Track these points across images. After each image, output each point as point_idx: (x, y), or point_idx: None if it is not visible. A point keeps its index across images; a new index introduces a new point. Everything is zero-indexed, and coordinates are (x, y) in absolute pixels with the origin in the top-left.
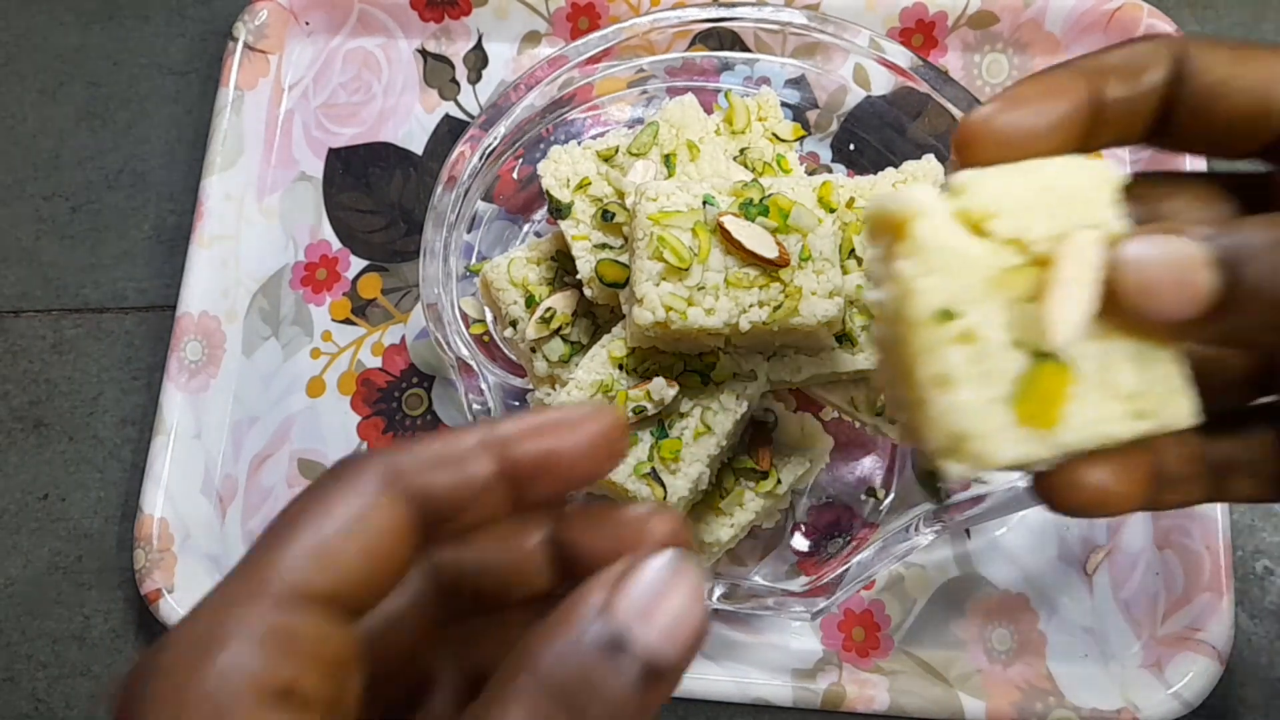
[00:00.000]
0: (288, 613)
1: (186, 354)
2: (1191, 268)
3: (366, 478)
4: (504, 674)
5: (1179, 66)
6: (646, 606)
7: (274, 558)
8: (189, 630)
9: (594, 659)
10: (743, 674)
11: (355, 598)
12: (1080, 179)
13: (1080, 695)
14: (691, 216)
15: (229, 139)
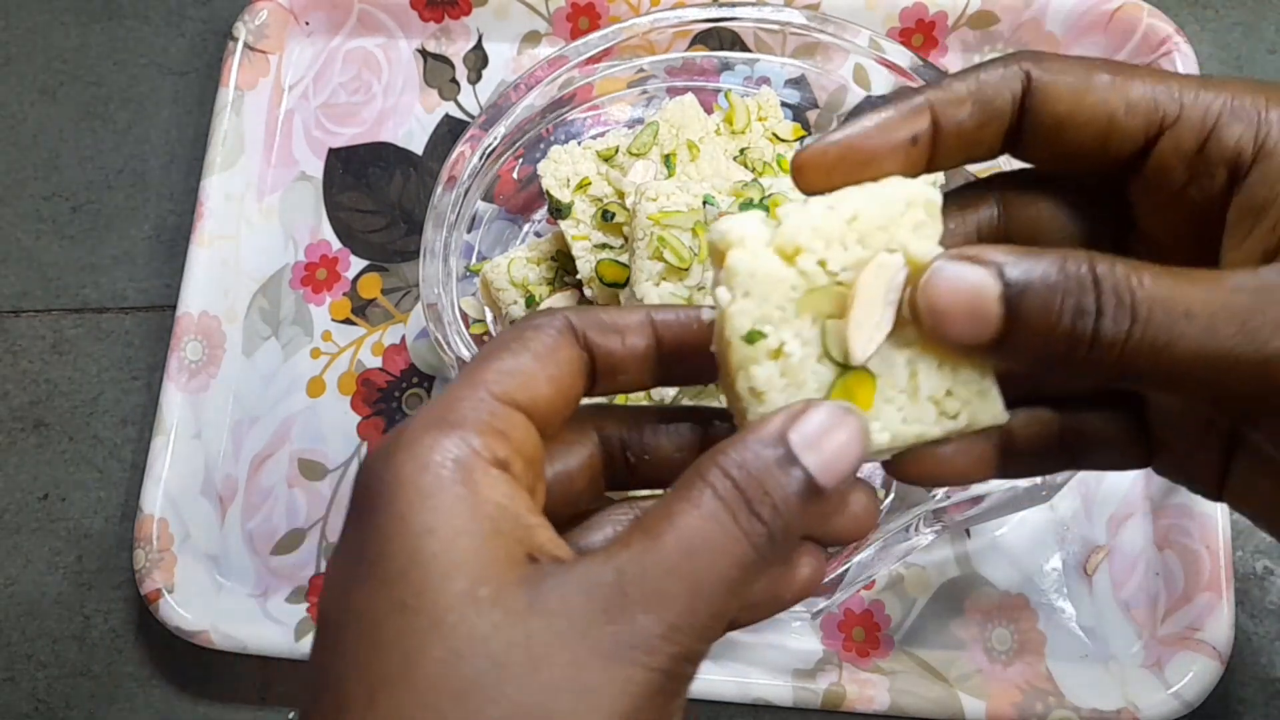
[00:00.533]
0: (501, 410)
1: (186, 354)
2: (985, 299)
3: (555, 323)
4: (695, 468)
5: (1026, 94)
6: (814, 439)
7: (484, 374)
8: (425, 416)
9: (771, 465)
10: (743, 674)
11: (542, 416)
12: (895, 203)
13: (1080, 695)
14: (691, 216)
15: (229, 139)
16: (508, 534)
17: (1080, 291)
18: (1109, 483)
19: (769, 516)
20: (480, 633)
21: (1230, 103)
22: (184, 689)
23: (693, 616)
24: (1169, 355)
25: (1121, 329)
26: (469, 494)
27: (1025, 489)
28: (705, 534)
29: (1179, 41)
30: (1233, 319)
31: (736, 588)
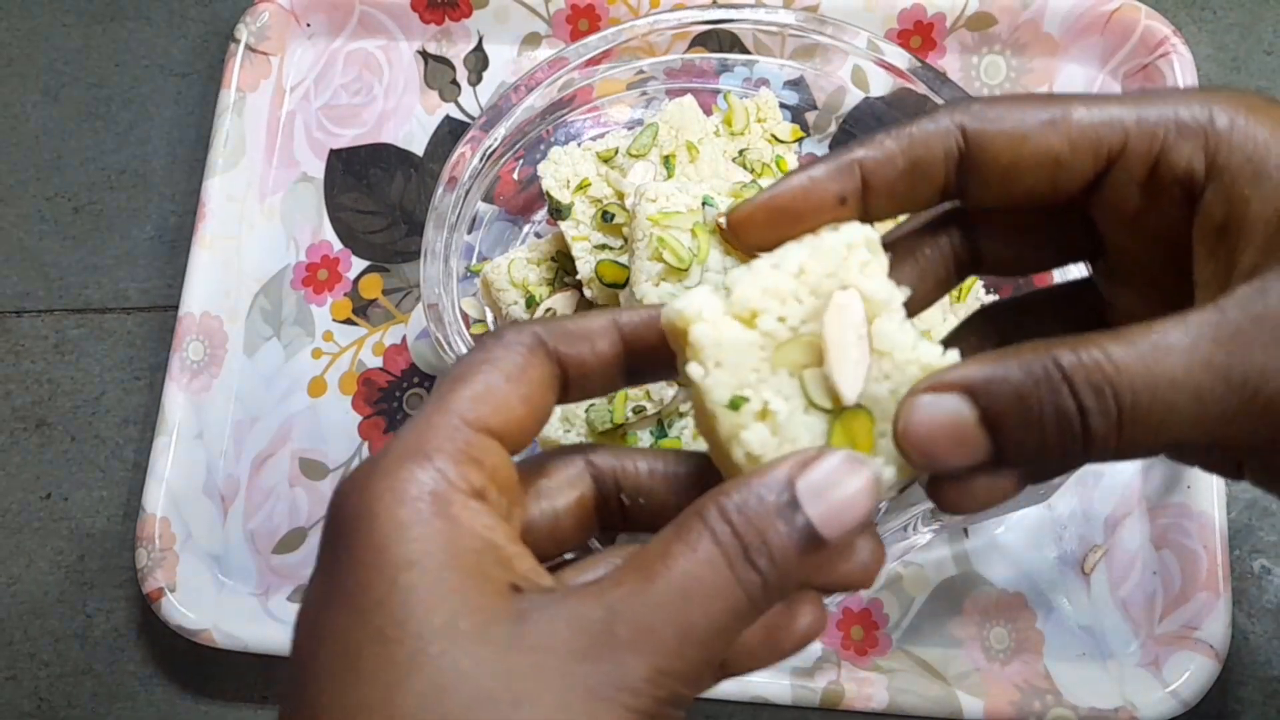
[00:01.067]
0: (475, 438)
1: (188, 354)
2: (966, 428)
3: (524, 340)
4: (695, 508)
5: (964, 149)
6: (821, 488)
7: (455, 400)
8: (399, 445)
9: (771, 510)
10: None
11: (515, 437)
12: (836, 249)
13: (1078, 694)
14: (691, 217)
15: (231, 140)
16: (489, 565)
17: (1055, 394)
18: (1106, 482)
19: (765, 566)
20: (462, 667)
21: (1175, 120)
22: (186, 688)
23: (682, 662)
24: (1167, 432)
25: (1111, 422)
26: (447, 526)
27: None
28: (700, 578)
29: (1176, 43)
30: (1216, 378)
31: (728, 635)
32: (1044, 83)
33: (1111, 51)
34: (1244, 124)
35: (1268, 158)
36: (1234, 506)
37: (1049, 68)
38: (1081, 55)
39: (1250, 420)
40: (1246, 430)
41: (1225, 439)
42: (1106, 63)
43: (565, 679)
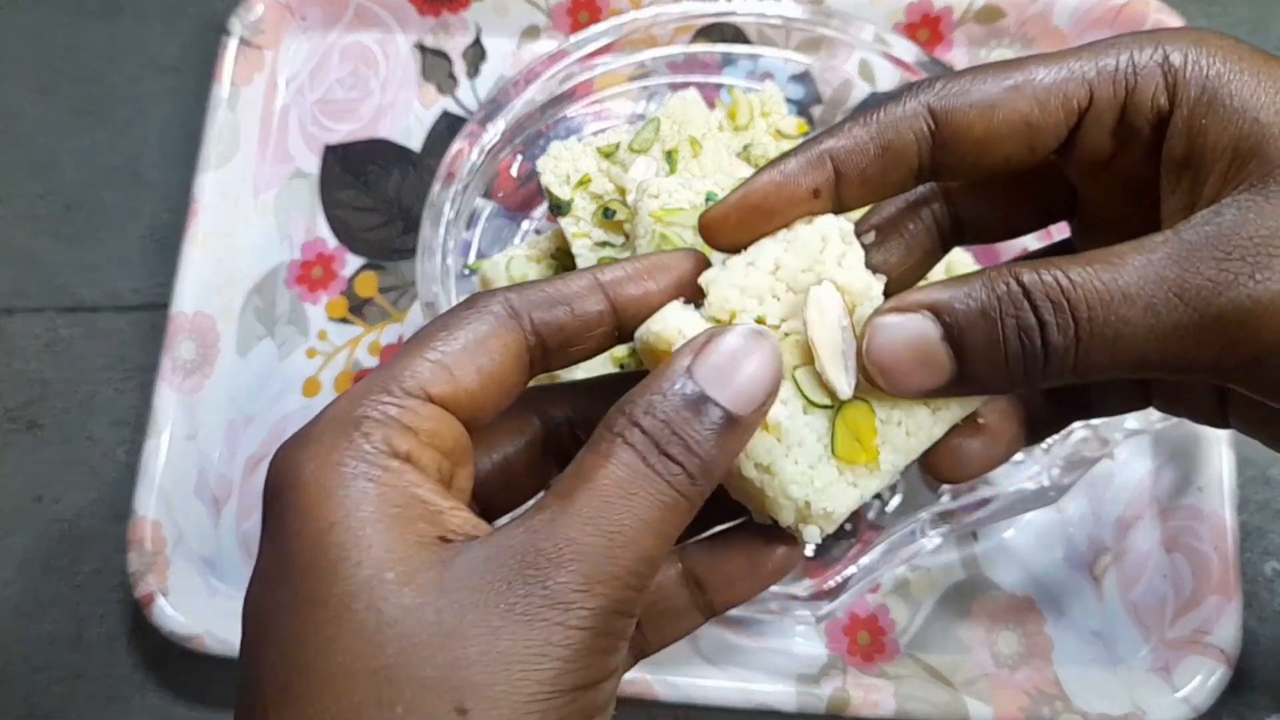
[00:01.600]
0: (410, 405)
1: (180, 353)
2: (929, 345)
3: (494, 308)
4: (603, 422)
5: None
6: (724, 370)
7: (398, 365)
8: (327, 414)
9: (678, 403)
10: (746, 679)
11: (467, 407)
12: (811, 243)
13: (1088, 700)
14: (694, 214)
15: (224, 136)
16: (415, 520)
17: (1017, 308)
18: (1117, 484)
19: (681, 455)
20: (389, 616)
21: (1134, 65)
22: (179, 694)
23: (613, 565)
24: (1123, 346)
25: (1069, 335)
26: (371, 486)
27: (1033, 491)
28: (618, 481)
29: None
30: (1169, 293)
31: (659, 529)
32: None
33: None
34: (1197, 57)
35: (1220, 89)
36: (1245, 508)
37: None
38: None
39: (1202, 335)
40: (1200, 346)
41: (1181, 358)
42: None
43: (492, 609)
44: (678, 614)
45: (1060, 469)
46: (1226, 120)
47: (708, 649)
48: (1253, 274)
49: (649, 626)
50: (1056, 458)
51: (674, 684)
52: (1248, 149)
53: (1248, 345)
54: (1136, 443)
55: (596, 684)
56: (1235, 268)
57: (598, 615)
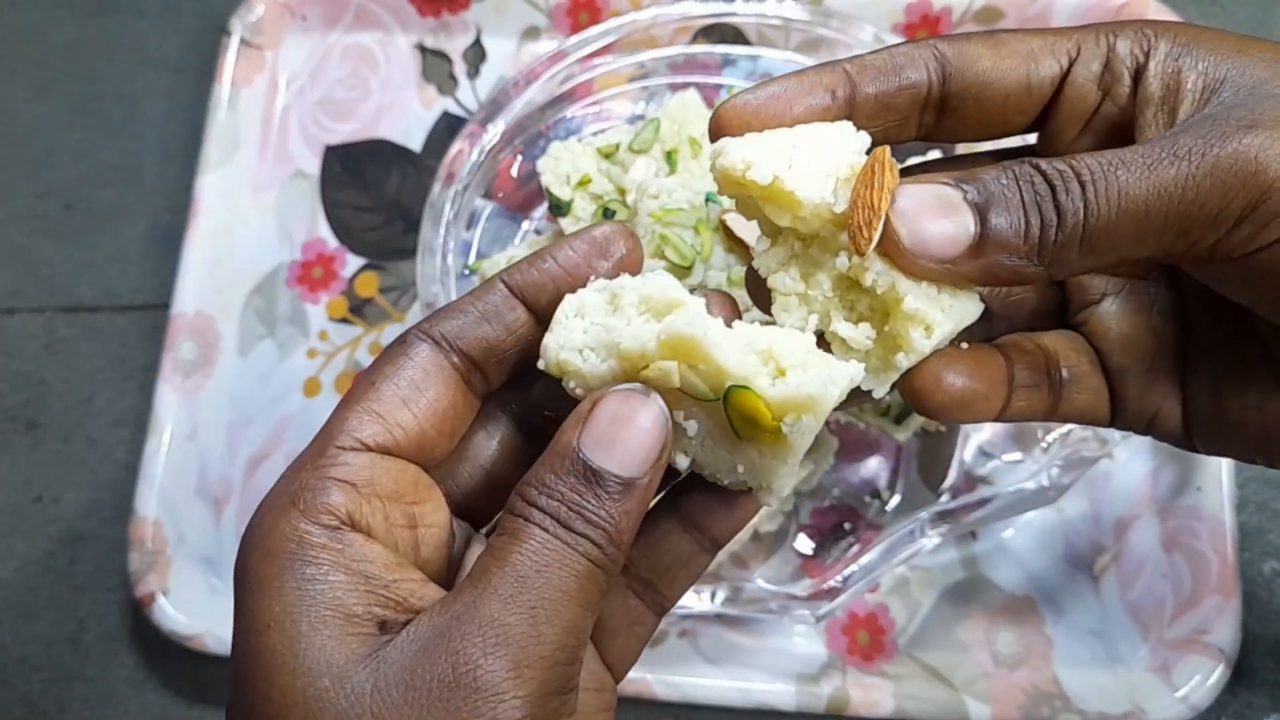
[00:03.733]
0: (344, 459)
1: (181, 354)
2: (955, 204)
3: (417, 346)
4: (507, 505)
5: (941, 65)
6: (609, 438)
7: (334, 423)
8: (274, 489)
9: (573, 481)
10: (746, 679)
11: (412, 448)
12: (828, 134)
13: (1087, 699)
14: (694, 214)
15: (224, 136)
16: (355, 603)
17: (1031, 179)
18: (1116, 485)
19: (584, 528)
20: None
21: (1113, 31)
22: (179, 693)
23: (539, 644)
24: (1129, 203)
25: (1076, 198)
26: (311, 571)
27: (1032, 490)
28: (531, 556)
29: None
30: (1165, 153)
31: (581, 598)
32: None
33: None
34: (1171, 29)
35: (1189, 41)
36: (1244, 509)
37: None
38: None
39: (1201, 184)
40: (1199, 196)
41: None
42: None
43: (428, 710)
44: (686, 560)
45: (1059, 469)
46: (1198, 61)
47: (708, 649)
48: (1240, 134)
49: (663, 582)
50: (1056, 458)
51: (674, 683)
52: (1218, 82)
53: (1244, 191)
54: (1136, 443)
55: None
56: (1225, 129)
57: (531, 701)
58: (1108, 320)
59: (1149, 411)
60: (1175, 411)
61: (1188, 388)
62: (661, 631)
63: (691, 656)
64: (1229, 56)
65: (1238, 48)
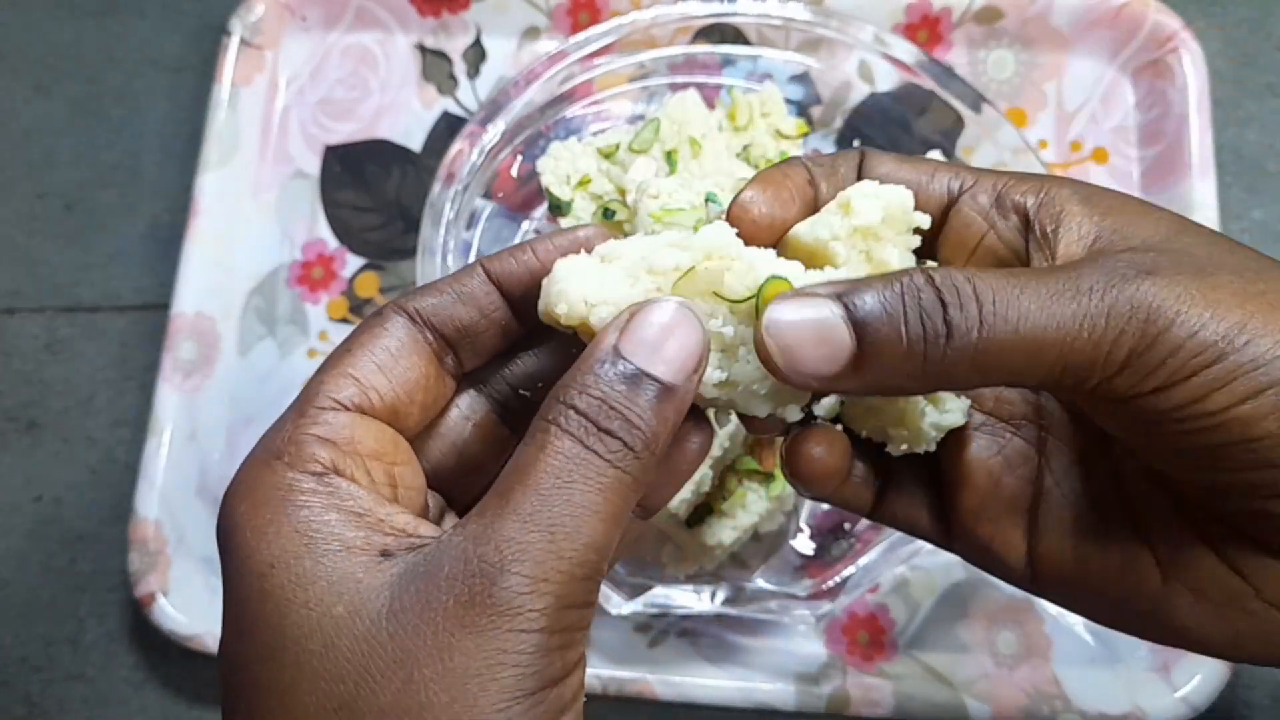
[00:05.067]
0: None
1: (181, 354)
2: (831, 325)
3: (391, 317)
4: (542, 410)
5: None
6: (654, 344)
7: (313, 386)
8: (254, 450)
9: (615, 385)
10: (746, 679)
11: (386, 411)
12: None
13: (1087, 699)
14: (694, 214)
15: (224, 136)
16: (354, 536)
17: (921, 294)
18: None
19: (621, 429)
20: (344, 652)
21: (1014, 178)
22: (179, 693)
23: (558, 560)
24: (1026, 332)
25: (972, 316)
26: (304, 513)
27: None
28: (555, 472)
29: (1186, 37)
30: (1069, 286)
31: (605, 512)
32: (1052, 78)
33: (1120, 46)
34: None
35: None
36: None
37: (1057, 62)
38: (1090, 49)
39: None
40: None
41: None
42: (1115, 57)
43: (442, 626)
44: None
45: None
46: (1094, 213)
47: (709, 650)
48: (1139, 279)
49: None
50: None
51: (675, 683)
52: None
53: (1135, 336)
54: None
55: (559, 681)
56: (1125, 272)
57: (548, 614)
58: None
59: (980, 545)
60: (1015, 556)
61: (1038, 539)
62: (662, 631)
63: (692, 656)
64: (1129, 217)
65: (1139, 210)
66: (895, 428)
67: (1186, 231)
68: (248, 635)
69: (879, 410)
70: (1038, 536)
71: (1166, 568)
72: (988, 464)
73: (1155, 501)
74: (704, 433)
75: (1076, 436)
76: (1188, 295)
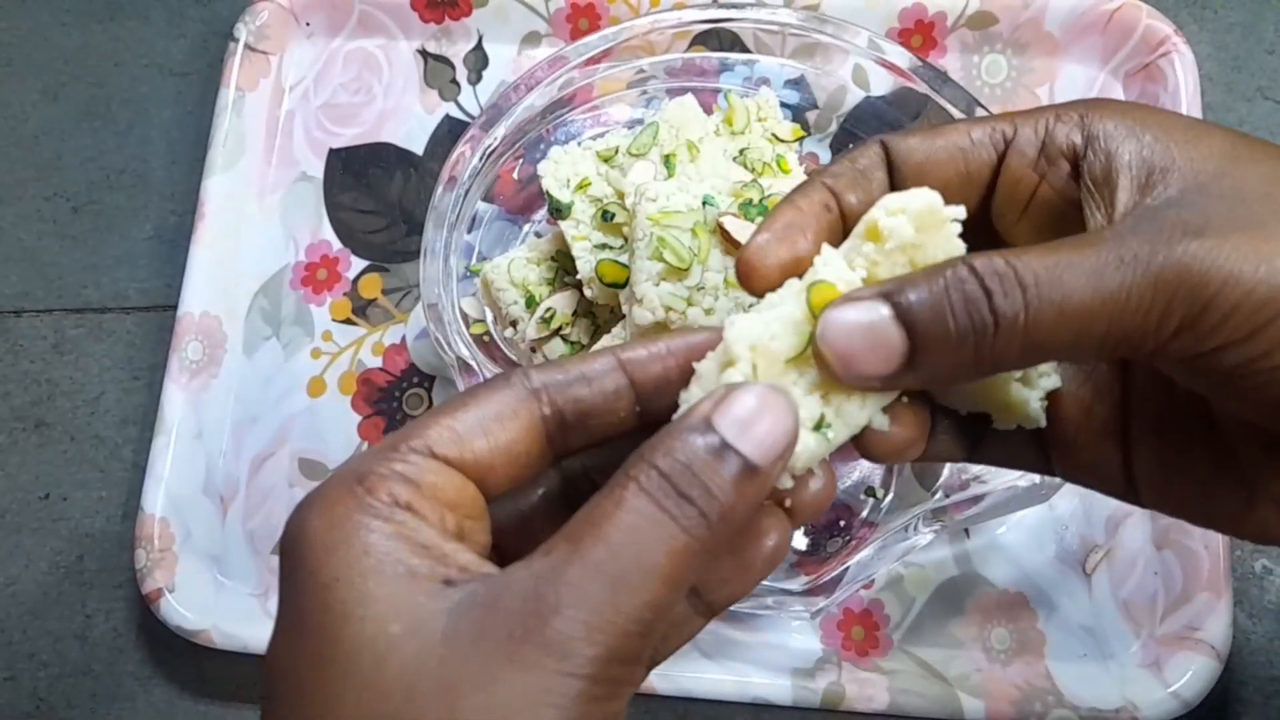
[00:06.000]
0: (412, 460)
1: (187, 354)
2: (881, 327)
3: (512, 383)
4: (622, 467)
5: (888, 160)
6: (746, 423)
7: (414, 428)
8: (339, 472)
9: (700, 451)
10: (742, 673)
11: (476, 470)
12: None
13: (1079, 694)
14: (691, 217)
15: (230, 139)
16: (417, 565)
17: (965, 285)
18: None
19: (700, 497)
20: (394, 670)
21: (1053, 114)
22: (185, 688)
23: (615, 613)
24: (1071, 310)
25: (1016, 301)
26: (374, 537)
27: (1024, 488)
28: (628, 527)
29: (1177, 42)
30: (1111, 257)
31: (670, 575)
32: (1045, 82)
33: (1113, 51)
34: (1118, 109)
35: (1138, 126)
36: None
37: (1050, 67)
38: (1083, 54)
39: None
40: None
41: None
42: (1108, 62)
43: (492, 657)
44: (680, 624)
45: None
46: (1143, 147)
47: (705, 644)
48: (1186, 241)
49: (710, 589)
50: None
51: (672, 678)
52: (1163, 170)
53: (1186, 303)
54: None
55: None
56: (1171, 234)
57: (597, 663)
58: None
59: (1082, 470)
60: (1115, 476)
61: (1131, 455)
62: None
63: (689, 651)
64: (1178, 144)
65: (1187, 136)
66: (1001, 411)
67: (1241, 160)
68: (302, 642)
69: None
70: (1131, 455)
71: (1252, 486)
72: (1078, 395)
73: (1238, 426)
74: (782, 532)
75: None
76: (1238, 253)
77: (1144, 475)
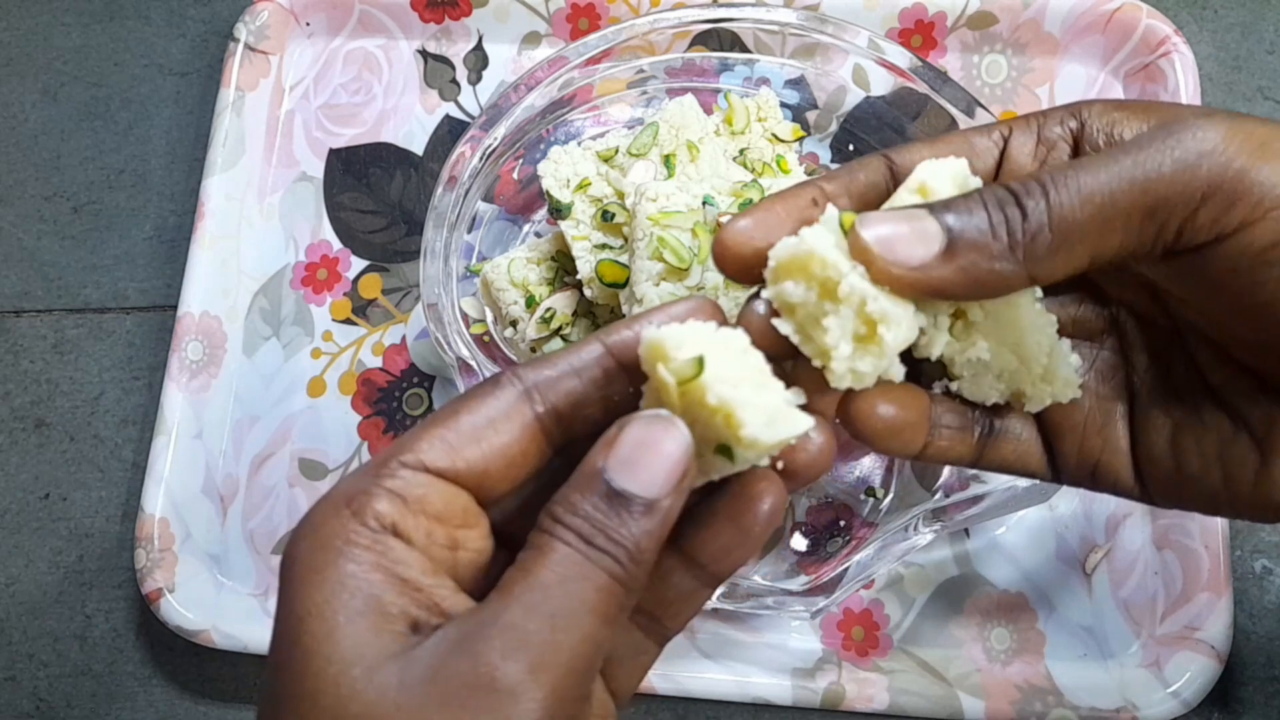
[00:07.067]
0: (402, 475)
1: (187, 354)
2: (920, 218)
3: (504, 387)
4: (539, 521)
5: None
6: (633, 462)
7: (406, 440)
8: (330, 492)
9: (597, 502)
10: (742, 673)
11: (470, 479)
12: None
13: (1079, 694)
14: (691, 217)
15: (230, 139)
16: (390, 603)
17: (996, 191)
18: None
19: (607, 545)
20: (352, 712)
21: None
22: (185, 688)
23: (556, 651)
24: (1091, 192)
25: (1038, 195)
26: (354, 568)
27: (1025, 488)
28: (554, 569)
29: (1178, 42)
30: (1129, 146)
31: (600, 610)
32: (1045, 82)
33: (1113, 51)
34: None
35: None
36: None
37: (1050, 67)
38: (1082, 54)
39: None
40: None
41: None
42: (1107, 62)
43: (448, 703)
44: (687, 597)
45: None
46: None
47: (705, 644)
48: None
49: (666, 614)
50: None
51: (672, 678)
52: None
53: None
54: None
55: None
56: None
57: (546, 703)
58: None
59: (1089, 464)
60: (1123, 466)
61: (1138, 444)
62: None
63: (689, 652)
64: (1176, 109)
65: (1173, 112)
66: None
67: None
68: (274, 673)
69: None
70: (1138, 440)
71: (1263, 445)
72: (1084, 380)
73: (1240, 386)
74: (777, 495)
75: (1153, 339)
76: (1250, 144)
77: (1153, 460)
